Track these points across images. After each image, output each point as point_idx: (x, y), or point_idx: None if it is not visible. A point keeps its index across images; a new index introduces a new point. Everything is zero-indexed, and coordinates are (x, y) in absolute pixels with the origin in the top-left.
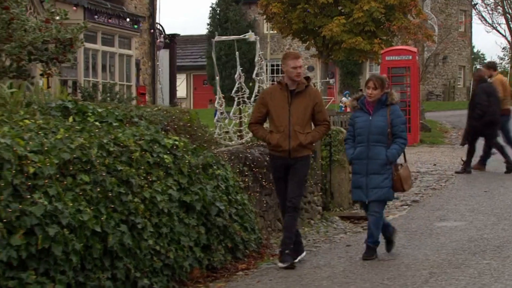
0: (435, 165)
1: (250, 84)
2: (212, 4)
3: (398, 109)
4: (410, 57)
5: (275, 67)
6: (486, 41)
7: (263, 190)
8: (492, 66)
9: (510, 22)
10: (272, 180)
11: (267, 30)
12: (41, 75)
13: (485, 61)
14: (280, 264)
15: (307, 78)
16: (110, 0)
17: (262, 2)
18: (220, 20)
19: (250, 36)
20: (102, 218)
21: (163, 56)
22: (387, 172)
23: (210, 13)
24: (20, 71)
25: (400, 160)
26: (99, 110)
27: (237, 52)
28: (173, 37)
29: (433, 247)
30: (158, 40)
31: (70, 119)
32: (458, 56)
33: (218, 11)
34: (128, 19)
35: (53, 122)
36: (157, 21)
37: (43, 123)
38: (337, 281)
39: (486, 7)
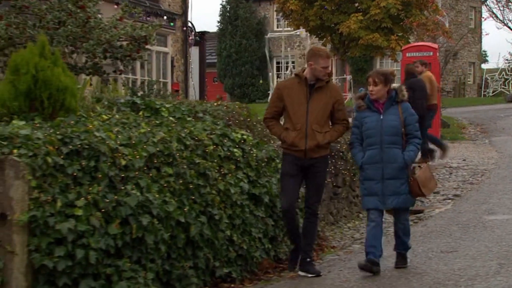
0: (464, 160)
1: (260, 81)
2: (222, 1)
3: (409, 107)
4: (431, 53)
5: (289, 64)
6: (496, 39)
7: None
8: (425, 63)
9: None
10: (280, 176)
11: (277, 27)
12: (114, 72)
13: (487, 59)
14: (303, 274)
15: (328, 74)
16: None
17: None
18: (230, 17)
19: (301, 32)
20: (185, 209)
21: (194, 53)
22: (405, 176)
23: (220, 11)
24: (95, 68)
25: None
26: (167, 105)
27: (283, 47)
28: (203, 34)
29: (491, 240)
30: (190, 38)
31: (141, 114)
32: (468, 52)
33: (228, 9)
34: (165, 17)
35: (132, 117)
36: (188, 19)
37: (122, 117)
38: (410, 272)
39: (497, 4)
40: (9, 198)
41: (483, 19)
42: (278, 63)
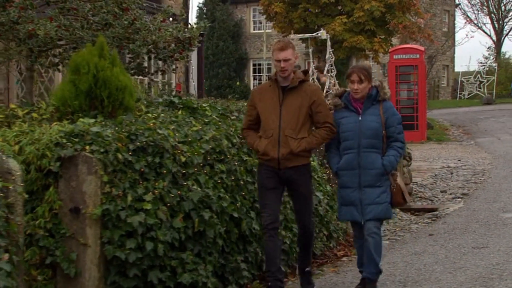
0: (459, 160)
1: (238, 83)
2: (199, 3)
3: (392, 106)
4: (418, 56)
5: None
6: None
7: None
8: (319, 67)
9: (495, 22)
10: (257, 191)
11: (253, 30)
12: (156, 71)
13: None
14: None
15: (305, 72)
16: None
17: (264, 2)
18: (207, 19)
19: (323, 34)
20: (237, 205)
21: (193, 54)
22: (384, 183)
23: (197, 13)
24: (139, 68)
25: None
26: (204, 105)
27: (310, 49)
28: (201, 35)
29: None
30: None
31: (180, 113)
32: (442, 55)
33: (205, 11)
34: (171, 19)
35: (181, 116)
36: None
37: (171, 116)
38: (451, 267)
39: (472, 7)
40: (82, 192)
41: (456, 26)
42: (257, 65)
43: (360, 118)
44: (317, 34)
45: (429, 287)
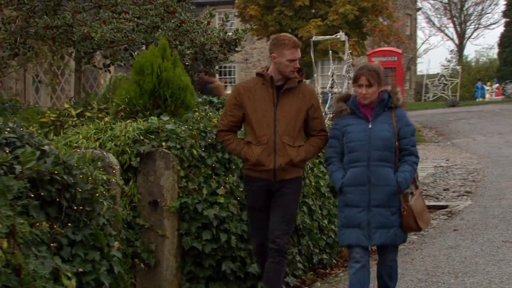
0: (448, 160)
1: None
2: None
3: (405, 114)
4: (396, 58)
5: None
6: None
7: None
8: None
9: (457, 26)
10: (247, 210)
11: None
12: (200, 71)
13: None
14: None
15: (300, 71)
16: None
17: (239, 5)
18: None
19: (342, 36)
20: None
21: None
22: (396, 204)
23: None
24: (186, 69)
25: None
26: None
27: (330, 51)
28: None
29: None
30: None
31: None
32: (405, 59)
33: None
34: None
35: None
36: None
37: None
38: (492, 260)
39: (434, 11)
40: (160, 186)
41: (421, 34)
42: (221, 67)
43: (370, 126)
44: (336, 35)
45: (482, 278)
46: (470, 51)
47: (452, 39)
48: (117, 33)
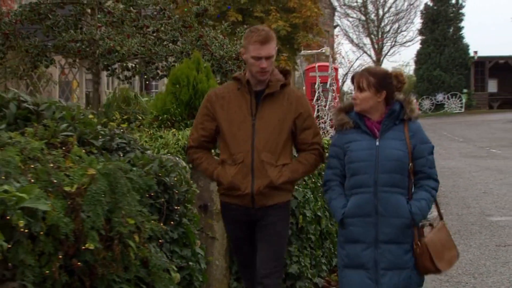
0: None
1: None
2: None
3: (421, 129)
4: (334, 73)
5: None
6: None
7: None
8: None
9: (374, 43)
10: (230, 241)
11: None
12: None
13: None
14: None
15: (285, 72)
16: None
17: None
18: None
19: (326, 50)
20: (319, 204)
21: None
22: (410, 240)
23: None
24: None
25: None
26: None
27: (316, 65)
28: None
29: None
30: None
31: None
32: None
33: None
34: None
35: None
36: None
37: None
38: (494, 263)
39: (353, 28)
40: (209, 191)
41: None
42: None
43: (377, 144)
44: (322, 50)
45: (499, 278)
46: (387, 67)
47: (370, 56)
48: (140, 47)
